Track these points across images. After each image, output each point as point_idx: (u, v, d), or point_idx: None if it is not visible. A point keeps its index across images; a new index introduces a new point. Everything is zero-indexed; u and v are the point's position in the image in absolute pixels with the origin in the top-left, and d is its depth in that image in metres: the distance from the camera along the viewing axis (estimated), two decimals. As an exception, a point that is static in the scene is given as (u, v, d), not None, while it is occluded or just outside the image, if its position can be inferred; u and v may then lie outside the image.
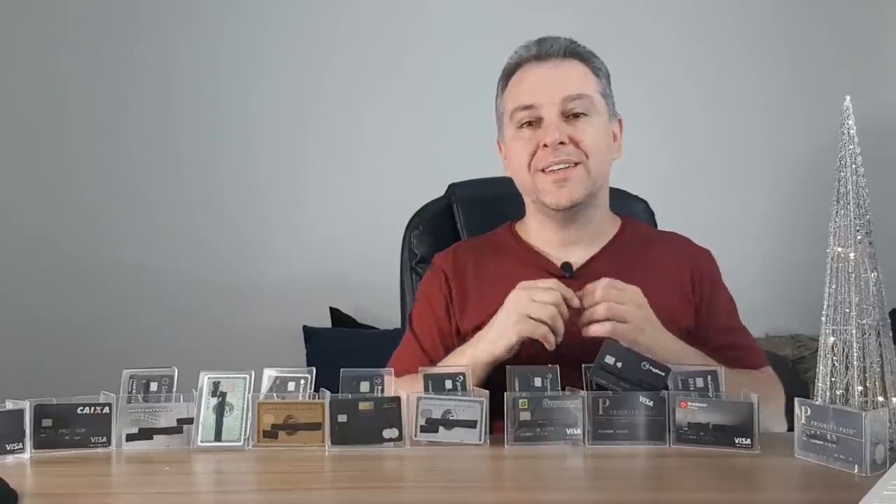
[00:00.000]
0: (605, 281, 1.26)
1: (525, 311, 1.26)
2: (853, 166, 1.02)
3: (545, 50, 1.44)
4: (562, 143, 1.38)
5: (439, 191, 1.79)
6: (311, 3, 2.98)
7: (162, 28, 2.96)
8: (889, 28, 3.02)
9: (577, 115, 1.41)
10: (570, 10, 2.85)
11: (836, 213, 1.03)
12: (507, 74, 1.47)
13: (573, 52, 1.44)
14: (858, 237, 1.01)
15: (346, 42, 2.98)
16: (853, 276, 1.01)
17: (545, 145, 1.39)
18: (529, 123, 1.42)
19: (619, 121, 1.49)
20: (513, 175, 1.48)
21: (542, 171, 1.41)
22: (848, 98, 1.02)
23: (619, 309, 1.24)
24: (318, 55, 2.97)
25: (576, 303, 1.26)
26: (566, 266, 1.44)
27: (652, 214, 1.74)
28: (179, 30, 2.97)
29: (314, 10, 2.98)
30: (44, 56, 2.95)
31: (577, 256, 1.46)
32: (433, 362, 1.40)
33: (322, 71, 2.98)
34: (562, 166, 1.39)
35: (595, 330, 1.23)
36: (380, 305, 2.83)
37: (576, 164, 1.40)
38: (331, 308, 2.94)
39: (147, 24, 2.96)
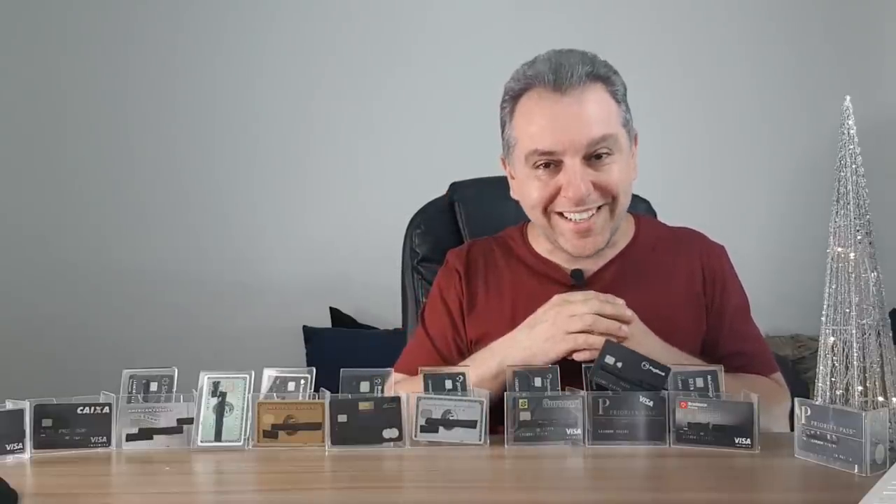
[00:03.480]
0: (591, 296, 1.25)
1: (565, 327, 1.23)
2: (853, 166, 1.01)
3: (563, 79, 1.28)
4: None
5: (440, 190, 1.79)
6: (311, 1, 2.98)
7: (160, 28, 2.97)
8: (888, 28, 3.02)
9: (599, 156, 1.30)
10: (571, 11, 2.86)
11: (836, 213, 1.02)
12: (516, 97, 1.34)
13: (593, 75, 1.30)
14: (858, 237, 1.01)
15: (347, 41, 2.98)
16: (853, 276, 1.01)
17: (566, 196, 1.30)
18: (546, 165, 1.32)
19: (635, 136, 1.38)
20: (525, 210, 1.39)
21: (561, 214, 1.33)
22: (848, 98, 1.02)
23: (605, 324, 1.22)
24: (318, 54, 2.98)
25: (608, 309, 1.23)
26: (577, 274, 1.39)
27: (654, 214, 1.73)
28: (178, 29, 2.97)
29: (314, 9, 2.98)
30: (43, 56, 2.95)
31: (590, 264, 1.40)
32: (447, 363, 1.37)
33: (322, 70, 2.98)
34: (584, 215, 1.31)
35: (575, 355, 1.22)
36: (380, 305, 2.83)
37: (599, 207, 1.32)
38: (331, 308, 2.94)
39: (145, 25, 2.96)
